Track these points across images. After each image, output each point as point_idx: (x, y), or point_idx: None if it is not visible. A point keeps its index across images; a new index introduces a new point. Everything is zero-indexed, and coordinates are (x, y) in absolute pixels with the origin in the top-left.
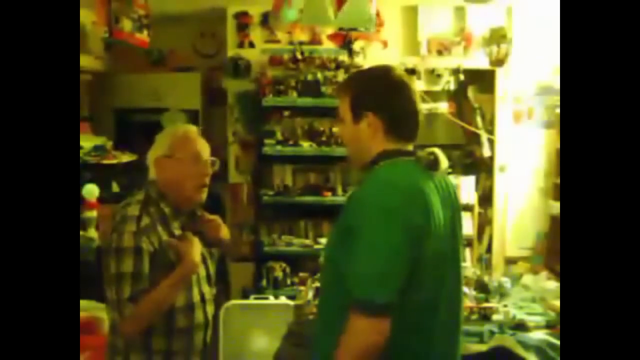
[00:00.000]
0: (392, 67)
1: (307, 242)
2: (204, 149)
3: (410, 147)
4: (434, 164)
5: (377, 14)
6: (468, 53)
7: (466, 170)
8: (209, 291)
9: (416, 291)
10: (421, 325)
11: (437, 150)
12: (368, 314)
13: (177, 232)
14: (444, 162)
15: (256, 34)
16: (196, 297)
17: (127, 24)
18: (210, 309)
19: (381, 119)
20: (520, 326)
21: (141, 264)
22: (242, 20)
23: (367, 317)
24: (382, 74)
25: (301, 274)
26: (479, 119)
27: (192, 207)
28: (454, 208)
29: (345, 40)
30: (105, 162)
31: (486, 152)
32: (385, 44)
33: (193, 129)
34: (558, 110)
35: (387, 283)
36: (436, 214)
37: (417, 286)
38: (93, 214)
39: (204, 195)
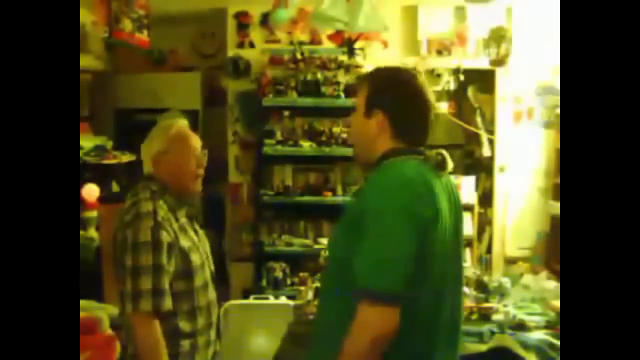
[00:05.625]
0: (414, 75)
1: (307, 242)
2: (196, 142)
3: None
4: (442, 164)
5: None
6: (468, 53)
7: (466, 170)
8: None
9: (420, 287)
10: (424, 323)
11: (444, 152)
12: (375, 303)
13: (183, 219)
14: (450, 164)
15: (256, 34)
16: (207, 277)
17: (127, 24)
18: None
19: (390, 121)
20: (520, 326)
21: (160, 257)
22: (242, 20)
23: (375, 306)
24: (402, 79)
25: (301, 274)
26: (479, 119)
27: (191, 197)
28: (457, 208)
29: (347, 40)
30: (105, 162)
31: (486, 152)
32: (385, 44)
33: (185, 123)
34: (558, 110)
35: (394, 272)
36: (443, 212)
37: (421, 282)
38: (93, 214)
39: (199, 184)
